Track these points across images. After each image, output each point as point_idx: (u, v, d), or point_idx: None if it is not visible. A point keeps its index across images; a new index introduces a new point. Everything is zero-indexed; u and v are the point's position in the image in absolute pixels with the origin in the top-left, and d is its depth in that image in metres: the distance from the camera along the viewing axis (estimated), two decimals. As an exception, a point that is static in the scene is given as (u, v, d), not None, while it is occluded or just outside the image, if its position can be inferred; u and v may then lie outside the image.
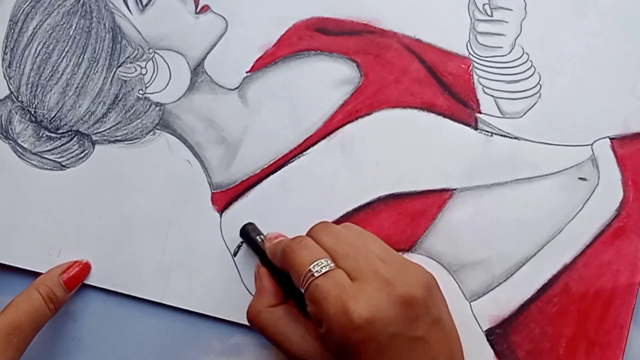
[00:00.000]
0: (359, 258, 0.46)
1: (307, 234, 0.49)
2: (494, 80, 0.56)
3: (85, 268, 0.56)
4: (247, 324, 0.54)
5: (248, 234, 0.54)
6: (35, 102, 0.57)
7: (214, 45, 0.57)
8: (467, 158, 0.55)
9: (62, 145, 0.57)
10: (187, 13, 0.57)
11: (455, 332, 0.47)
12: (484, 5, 0.56)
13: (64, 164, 0.57)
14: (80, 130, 0.57)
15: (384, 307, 0.43)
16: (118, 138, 0.57)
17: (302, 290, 0.46)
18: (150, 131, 0.57)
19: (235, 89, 0.57)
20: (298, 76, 0.56)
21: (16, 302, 0.52)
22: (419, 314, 0.44)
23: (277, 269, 0.51)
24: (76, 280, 0.55)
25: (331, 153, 0.56)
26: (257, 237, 0.53)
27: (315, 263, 0.46)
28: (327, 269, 0.45)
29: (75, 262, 0.56)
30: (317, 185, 0.55)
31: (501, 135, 0.55)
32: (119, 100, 0.57)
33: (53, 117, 0.57)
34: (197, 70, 0.57)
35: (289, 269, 0.48)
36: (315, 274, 0.45)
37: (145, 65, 0.57)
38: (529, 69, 0.56)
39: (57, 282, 0.54)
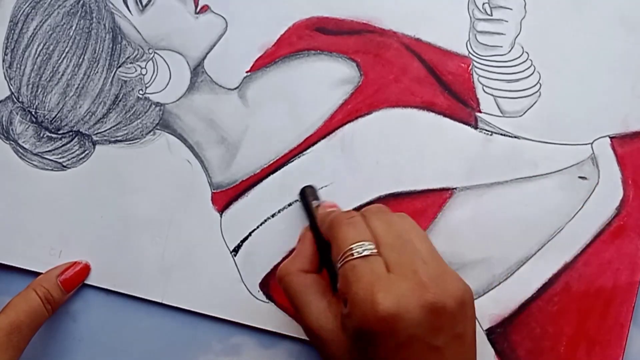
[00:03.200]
0: (402, 252, 0.45)
1: (360, 213, 0.49)
2: (493, 79, 0.56)
3: (84, 270, 0.56)
4: (248, 323, 0.55)
5: (306, 196, 0.54)
6: (36, 103, 0.57)
7: (214, 45, 0.57)
8: (467, 157, 0.55)
9: (63, 145, 0.57)
10: (187, 13, 0.57)
11: (474, 353, 0.46)
12: (483, 4, 0.56)
13: (64, 164, 0.57)
14: (80, 130, 0.57)
15: (412, 308, 0.43)
16: (118, 138, 0.57)
17: (338, 266, 0.46)
18: (150, 131, 0.57)
19: (235, 88, 0.57)
20: (298, 76, 0.57)
21: (14, 303, 0.52)
22: (443, 325, 0.44)
23: (322, 238, 0.50)
24: (74, 282, 0.55)
25: (331, 153, 0.56)
26: (313, 201, 0.53)
27: (359, 244, 0.45)
28: (368, 253, 0.45)
29: (74, 263, 0.56)
30: (318, 185, 0.55)
31: (501, 134, 0.55)
32: (119, 101, 0.57)
33: (54, 118, 0.57)
34: (197, 70, 0.57)
35: (332, 241, 0.47)
36: (355, 255, 0.45)
37: (145, 65, 0.57)
38: (528, 67, 0.56)
39: (55, 283, 0.54)
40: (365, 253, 0.45)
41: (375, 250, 0.45)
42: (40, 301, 0.53)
